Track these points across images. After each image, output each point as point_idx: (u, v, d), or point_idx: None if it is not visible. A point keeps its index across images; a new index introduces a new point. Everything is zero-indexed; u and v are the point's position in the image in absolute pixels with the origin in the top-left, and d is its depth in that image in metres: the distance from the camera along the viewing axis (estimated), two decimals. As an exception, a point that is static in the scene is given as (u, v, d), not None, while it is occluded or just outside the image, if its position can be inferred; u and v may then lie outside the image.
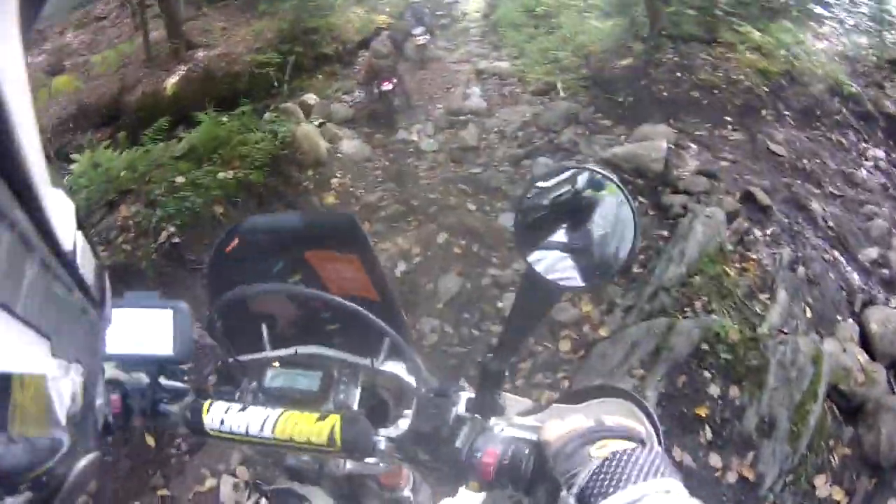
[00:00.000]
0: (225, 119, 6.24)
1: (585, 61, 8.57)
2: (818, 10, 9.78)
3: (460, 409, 0.82)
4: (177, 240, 4.80)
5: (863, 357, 4.29)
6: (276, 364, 1.00)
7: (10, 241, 0.26)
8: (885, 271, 5.62)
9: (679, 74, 7.80)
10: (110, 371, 0.98)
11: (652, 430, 0.73)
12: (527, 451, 0.73)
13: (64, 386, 0.37)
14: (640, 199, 5.70)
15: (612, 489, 0.56)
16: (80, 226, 0.39)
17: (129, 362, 0.96)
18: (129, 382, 0.97)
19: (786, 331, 4.20)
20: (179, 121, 7.15)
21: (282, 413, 0.85)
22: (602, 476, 0.58)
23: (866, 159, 7.35)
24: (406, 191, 6.16)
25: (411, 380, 0.94)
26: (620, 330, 4.15)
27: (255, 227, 1.08)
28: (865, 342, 4.61)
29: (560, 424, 0.69)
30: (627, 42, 8.35)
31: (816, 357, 3.66)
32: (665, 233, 5.21)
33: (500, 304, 4.56)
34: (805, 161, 6.86)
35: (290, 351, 1.02)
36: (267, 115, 6.98)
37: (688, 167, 6.16)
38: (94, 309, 0.42)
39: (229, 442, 0.91)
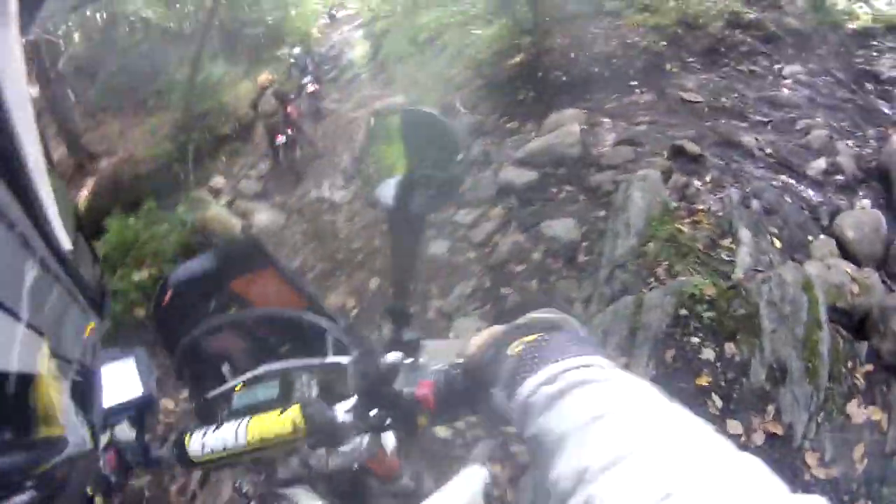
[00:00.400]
0: (132, 220, 6.14)
1: (478, 71, 8.23)
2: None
3: (388, 359, 0.84)
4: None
5: (849, 267, 3.96)
6: (238, 387, 1.03)
7: (10, 241, 0.27)
8: (840, 177, 5.28)
9: (573, 55, 7.50)
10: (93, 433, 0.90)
11: (576, 322, 0.71)
12: (455, 372, 0.79)
13: (64, 385, 0.37)
14: (567, 187, 5.27)
15: (527, 373, 0.58)
16: (80, 226, 0.42)
17: (112, 415, 0.99)
18: (116, 439, 1.01)
19: (761, 269, 3.72)
20: (95, 233, 6.76)
21: (249, 419, 0.89)
22: (521, 365, 0.60)
23: (785, 78, 7.05)
24: (328, 246, 5.92)
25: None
26: (586, 323, 3.59)
27: (179, 276, 1.12)
28: (845, 253, 4.33)
29: (477, 338, 0.74)
30: (514, 39, 8.01)
31: (805, 284, 3.26)
32: (602, 213, 4.76)
33: (451, 335, 4.12)
34: (723, 100, 6.54)
35: (247, 375, 1.04)
36: (179, 208, 6.79)
37: (606, 142, 5.77)
38: (93, 309, 0.44)
39: (215, 466, 0.95)
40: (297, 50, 10.87)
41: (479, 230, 5.20)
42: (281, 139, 7.86)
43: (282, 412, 0.88)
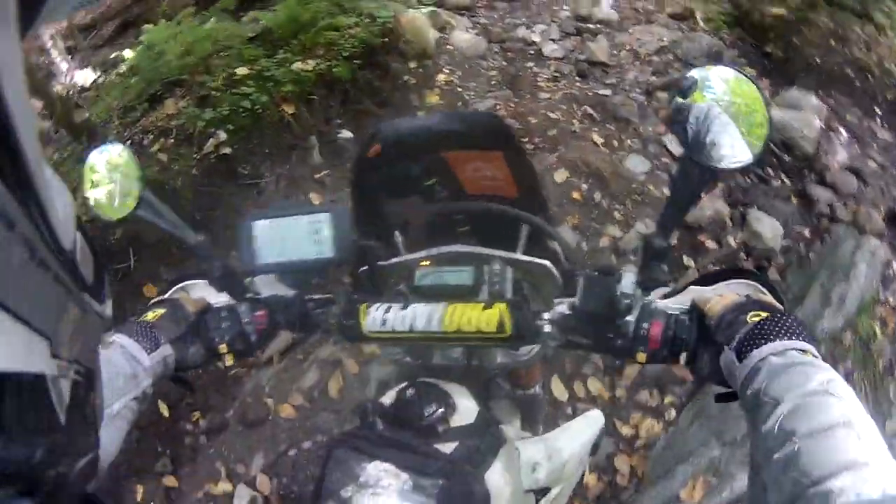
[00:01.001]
0: None
1: None
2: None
3: (625, 287, 0.83)
4: (227, 150, 3.76)
5: None
6: (425, 263, 0.98)
7: (10, 241, 0.26)
8: None
9: (833, 43, 6.61)
10: (250, 290, 0.98)
11: (781, 305, 0.81)
12: (688, 322, 0.81)
13: (64, 386, 0.37)
14: (785, 180, 4.81)
15: (762, 342, 0.68)
16: (80, 226, 0.40)
17: (285, 270, 0.94)
18: (272, 297, 0.97)
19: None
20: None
21: (447, 306, 0.84)
22: (756, 333, 0.70)
23: None
24: (523, 103, 5.01)
25: (557, 269, 0.98)
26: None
27: (396, 130, 1.05)
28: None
29: (719, 299, 0.79)
30: None
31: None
32: (806, 232, 4.39)
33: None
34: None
35: (433, 251, 0.99)
36: None
37: (837, 157, 5.20)
38: (94, 309, 0.42)
39: (390, 342, 0.93)
40: None
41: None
42: None
43: (486, 307, 0.84)
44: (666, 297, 0.89)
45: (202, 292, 1.01)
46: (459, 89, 5.13)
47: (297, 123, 4.01)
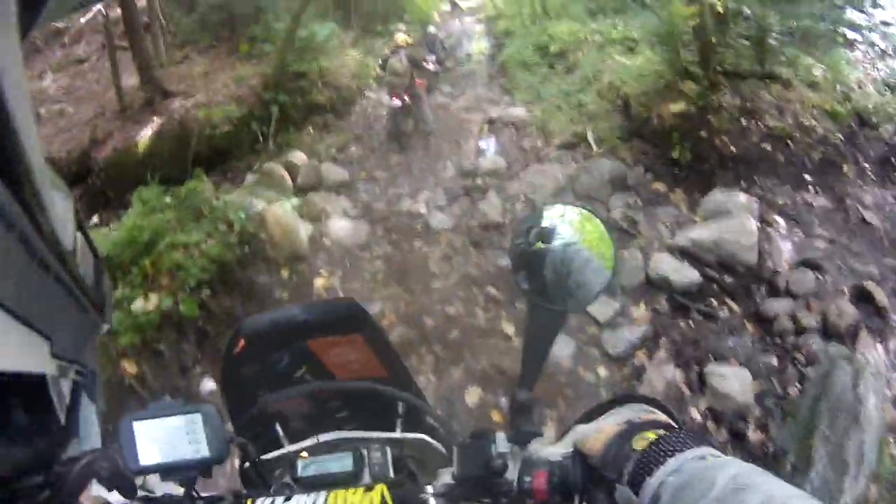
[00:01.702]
0: (168, 199, 4.34)
1: (620, 106, 7.16)
2: (850, 34, 8.31)
3: (500, 447, 0.82)
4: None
5: None
6: (304, 454, 0.98)
7: (10, 241, 0.26)
8: None
9: (744, 122, 6.33)
10: (143, 488, 0.95)
11: (671, 420, 0.77)
12: (571, 465, 0.77)
13: (64, 386, 0.39)
14: (734, 306, 4.26)
15: (654, 466, 0.61)
16: (80, 226, 0.42)
17: (166, 472, 0.90)
18: (165, 497, 0.94)
19: None
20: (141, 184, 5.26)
21: (328, 495, 0.83)
22: (646, 460, 0.63)
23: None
24: (415, 300, 4.52)
25: (436, 441, 1.04)
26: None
27: (258, 324, 1.11)
28: None
29: (597, 435, 0.74)
30: (673, 80, 6.84)
31: None
32: (774, 361, 3.76)
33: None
34: (903, 231, 5.41)
35: (313, 440, 1.02)
36: (249, 178, 5.98)
37: (783, 255, 4.72)
38: (93, 309, 0.44)
39: None
40: (431, 28, 10.41)
41: (618, 337, 4.11)
42: (398, 102, 7.34)
43: (366, 490, 0.82)
44: (552, 444, 0.86)
45: (97, 491, 0.93)
46: (341, 294, 4.59)
47: (141, 387, 3.35)
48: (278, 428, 1.07)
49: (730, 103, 6.24)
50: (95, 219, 6.35)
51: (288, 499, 0.85)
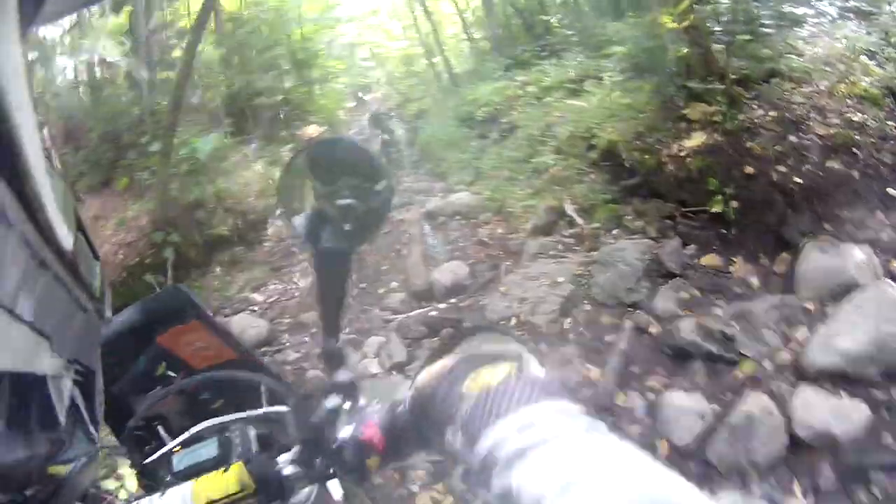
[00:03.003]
0: None
1: (596, 160, 5.28)
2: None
3: (327, 404, 0.80)
4: None
5: None
6: (178, 449, 0.98)
7: (10, 241, 0.26)
8: None
9: (792, 137, 4.34)
10: None
11: (525, 351, 0.67)
12: (400, 410, 0.74)
13: (64, 386, 0.37)
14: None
15: (487, 425, 0.53)
16: (80, 226, 0.40)
17: None
18: None
19: None
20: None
21: (193, 483, 0.85)
22: (477, 412, 0.55)
23: None
24: None
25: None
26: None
27: (105, 335, 0.92)
28: None
29: (427, 372, 0.68)
30: (666, 109, 5.04)
31: None
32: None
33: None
34: None
35: (185, 435, 1.01)
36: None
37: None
38: (93, 309, 0.42)
39: None
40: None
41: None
42: None
43: (225, 470, 0.84)
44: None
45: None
46: None
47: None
48: (161, 430, 1.04)
49: (761, 118, 4.45)
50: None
51: (162, 495, 0.84)
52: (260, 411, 1.02)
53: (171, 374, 1.08)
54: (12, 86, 0.24)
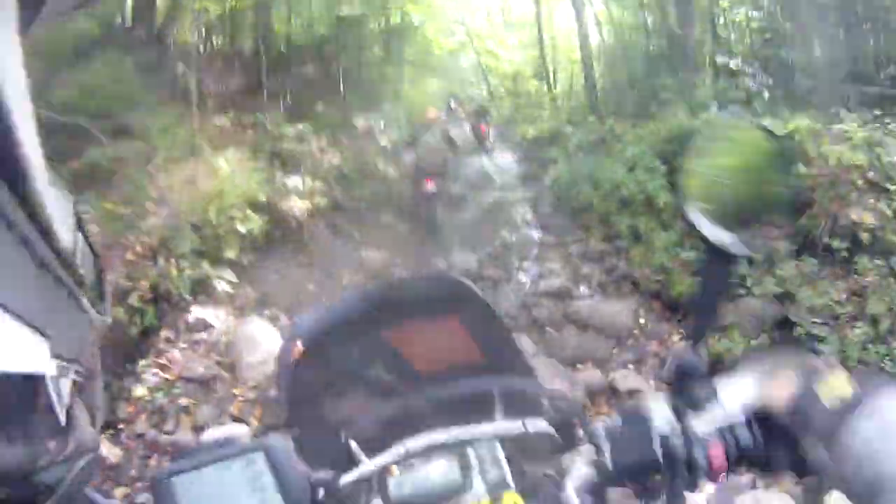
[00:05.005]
0: None
1: None
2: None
3: (659, 426, 0.71)
4: None
5: None
6: (395, 470, 0.78)
7: (10, 241, 0.27)
8: None
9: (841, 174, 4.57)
10: None
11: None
12: (747, 427, 0.68)
13: (64, 386, 0.37)
14: None
15: (849, 414, 0.55)
16: (80, 226, 0.39)
17: None
18: None
19: None
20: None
21: None
22: (839, 409, 0.56)
23: None
24: None
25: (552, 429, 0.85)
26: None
27: (318, 320, 0.97)
28: None
29: (774, 392, 0.65)
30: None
31: None
32: None
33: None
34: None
35: (401, 451, 0.77)
36: None
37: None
38: (93, 309, 0.42)
39: None
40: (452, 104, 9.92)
41: None
42: (432, 188, 6.65)
43: (495, 501, 0.70)
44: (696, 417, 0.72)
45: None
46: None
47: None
48: (351, 442, 0.80)
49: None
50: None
51: None
52: (522, 427, 0.82)
53: (385, 375, 0.93)
54: (12, 86, 0.24)
